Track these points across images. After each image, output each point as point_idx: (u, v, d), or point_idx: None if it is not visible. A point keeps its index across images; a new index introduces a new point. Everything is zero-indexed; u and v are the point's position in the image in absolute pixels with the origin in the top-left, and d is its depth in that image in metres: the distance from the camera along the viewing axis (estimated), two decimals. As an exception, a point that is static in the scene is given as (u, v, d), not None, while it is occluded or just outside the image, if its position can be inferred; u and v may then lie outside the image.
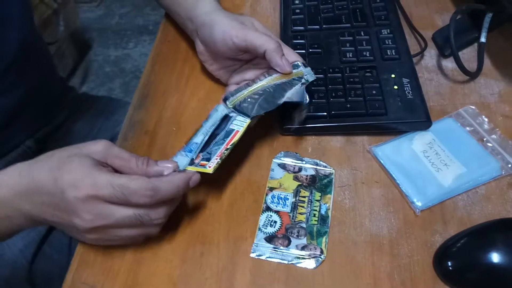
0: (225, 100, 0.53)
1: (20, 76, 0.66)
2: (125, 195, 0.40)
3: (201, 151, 0.48)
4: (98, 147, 0.43)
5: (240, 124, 0.50)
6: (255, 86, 0.53)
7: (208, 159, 0.47)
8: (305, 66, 0.53)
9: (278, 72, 0.52)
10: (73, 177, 0.40)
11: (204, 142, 0.49)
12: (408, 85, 0.56)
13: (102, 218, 0.41)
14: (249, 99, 0.51)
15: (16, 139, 0.70)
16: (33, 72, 0.69)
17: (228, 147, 0.47)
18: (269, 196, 0.50)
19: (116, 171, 0.44)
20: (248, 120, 0.50)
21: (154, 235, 0.45)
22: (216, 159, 0.46)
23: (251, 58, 0.57)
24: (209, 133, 0.50)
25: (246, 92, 0.53)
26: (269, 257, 0.46)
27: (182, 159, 0.47)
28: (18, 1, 0.63)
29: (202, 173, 0.45)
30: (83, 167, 0.40)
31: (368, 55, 0.60)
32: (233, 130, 0.49)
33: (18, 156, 0.70)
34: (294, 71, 0.52)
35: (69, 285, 0.46)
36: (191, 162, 0.47)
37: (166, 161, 0.45)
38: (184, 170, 0.46)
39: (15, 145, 0.70)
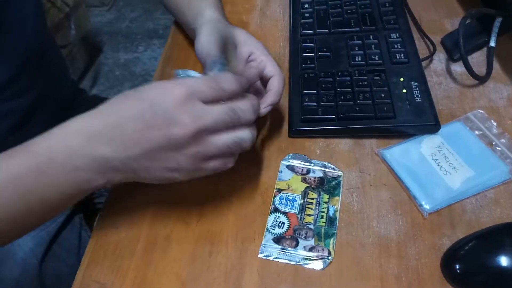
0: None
1: (34, 77, 0.67)
2: (217, 82, 0.40)
3: None
4: None
5: None
6: None
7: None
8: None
9: None
10: (159, 88, 0.39)
11: None
12: (417, 89, 0.56)
13: (201, 118, 0.39)
14: None
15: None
16: (47, 74, 0.70)
17: None
18: (277, 198, 0.51)
19: None
20: None
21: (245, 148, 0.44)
22: None
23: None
24: None
25: None
26: (276, 258, 0.46)
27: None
28: (32, 1, 0.64)
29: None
30: (160, 83, 0.39)
31: (377, 58, 0.60)
32: None
33: None
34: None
35: (79, 283, 0.46)
36: None
37: None
38: None
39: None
